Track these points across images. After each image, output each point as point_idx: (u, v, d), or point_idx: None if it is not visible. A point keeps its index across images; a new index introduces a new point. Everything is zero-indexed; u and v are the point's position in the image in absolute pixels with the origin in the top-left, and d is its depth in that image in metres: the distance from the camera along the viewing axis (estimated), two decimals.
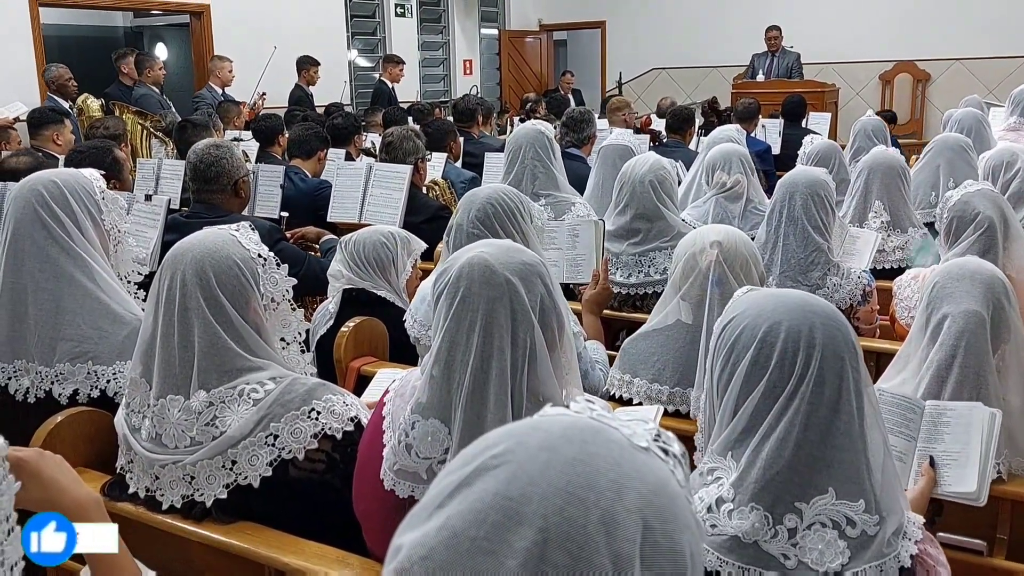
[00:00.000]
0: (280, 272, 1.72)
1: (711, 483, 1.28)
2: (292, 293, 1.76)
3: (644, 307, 3.04)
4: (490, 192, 2.33)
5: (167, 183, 4.42)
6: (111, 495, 1.71)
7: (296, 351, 1.78)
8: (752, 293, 1.37)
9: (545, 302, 1.47)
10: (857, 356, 1.27)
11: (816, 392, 1.23)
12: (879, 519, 1.23)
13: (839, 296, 2.77)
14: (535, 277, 1.47)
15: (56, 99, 6.82)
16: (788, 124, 6.93)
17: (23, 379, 1.96)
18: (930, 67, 10.54)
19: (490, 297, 1.43)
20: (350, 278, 2.63)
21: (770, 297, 1.32)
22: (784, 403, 1.23)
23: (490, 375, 1.41)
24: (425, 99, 10.47)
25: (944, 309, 1.89)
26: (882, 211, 3.41)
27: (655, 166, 3.10)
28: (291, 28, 9.00)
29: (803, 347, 1.24)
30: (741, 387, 1.27)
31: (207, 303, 1.62)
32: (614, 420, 0.73)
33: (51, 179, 2.05)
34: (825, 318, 1.26)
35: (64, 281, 1.97)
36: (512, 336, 1.42)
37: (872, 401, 1.28)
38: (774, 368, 1.24)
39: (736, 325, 1.30)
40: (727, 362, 1.29)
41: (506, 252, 1.49)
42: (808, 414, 1.22)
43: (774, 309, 1.28)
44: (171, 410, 1.62)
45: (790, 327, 1.25)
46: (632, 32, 12.13)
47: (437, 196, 4.49)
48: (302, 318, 1.80)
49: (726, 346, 1.30)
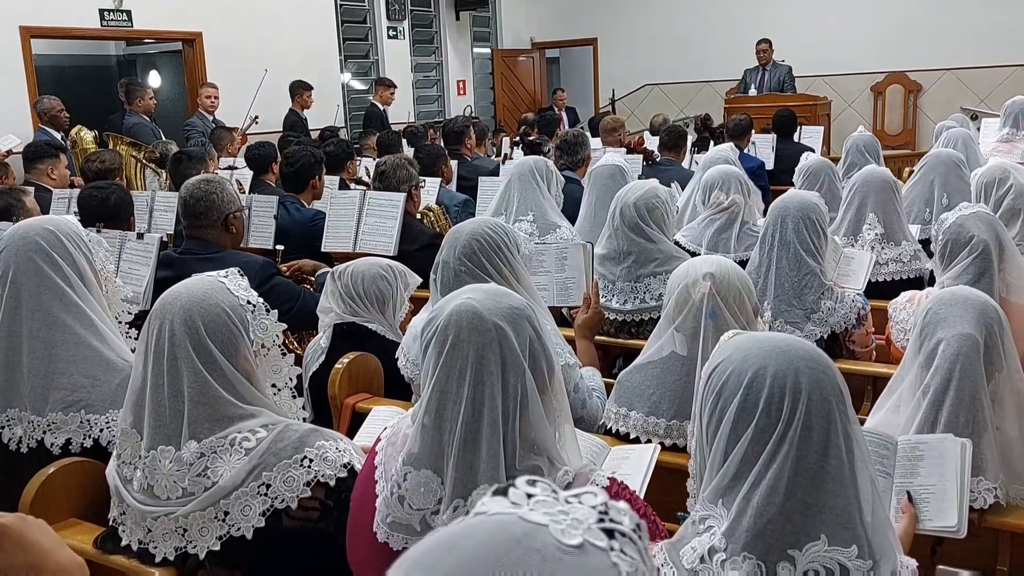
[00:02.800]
0: (270, 318, 1.72)
1: (703, 532, 1.27)
2: (282, 338, 1.75)
3: (640, 333, 3.03)
4: (474, 227, 2.31)
5: (160, 215, 4.42)
6: (104, 548, 1.70)
7: (288, 396, 1.77)
8: (738, 337, 1.37)
9: (534, 345, 1.46)
10: (844, 399, 1.27)
11: (804, 437, 1.23)
12: (872, 564, 1.23)
13: (834, 319, 2.76)
14: (523, 321, 1.46)
15: (48, 131, 6.82)
16: (781, 139, 6.94)
17: (16, 428, 1.96)
18: (921, 78, 10.59)
19: (479, 344, 1.42)
20: (339, 313, 2.59)
21: (756, 341, 1.32)
22: (773, 449, 1.23)
23: (482, 424, 1.40)
24: (420, 120, 10.50)
25: (938, 334, 1.89)
26: (876, 223, 3.41)
27: (648, 193, 3.10)
28: (284, 53, 9.03)
29: (789, 392, 1.24)
30: (730, 433, 1.27)
31: (196, 352, 1.61)
32: (547, 514, 0.70)
33: (45, 227, 2.05)
34: (810, 362, 1.26)
35: (57, 329, 1.97)
36: (503, 383, 1.41)
37: (860, 443, 1.28)
38: (761, 414, 1.24)
39: (723, 370, 1.30)
40: (715, 408, 1.29)
41: (493, 297, 1.48)
42: (797, 459, 1.22)
43: (759, 354, 1.28)
44: (162, 461, 1.61)
45: (776, 372, 1.25)
46: (624, 48, 12.19)
47: (432, 223, 4.49)
48: (293, 363, 1.79)
49: (714, 392, 1.30)
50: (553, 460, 1.45)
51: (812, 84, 10.41)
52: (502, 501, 0.72)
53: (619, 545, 0.70)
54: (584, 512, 0.71)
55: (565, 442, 1.52)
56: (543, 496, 0.72)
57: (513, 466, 1.40)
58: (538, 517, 0.69)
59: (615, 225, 3.12)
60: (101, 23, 8.03)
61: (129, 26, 8.24)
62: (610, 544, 0.70)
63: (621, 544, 0.70)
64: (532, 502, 0.71)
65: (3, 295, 2.00)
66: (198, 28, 8.68)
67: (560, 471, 1.44)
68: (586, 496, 0.73)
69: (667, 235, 3.13)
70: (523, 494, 0.72)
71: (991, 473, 1.80)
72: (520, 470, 1.40)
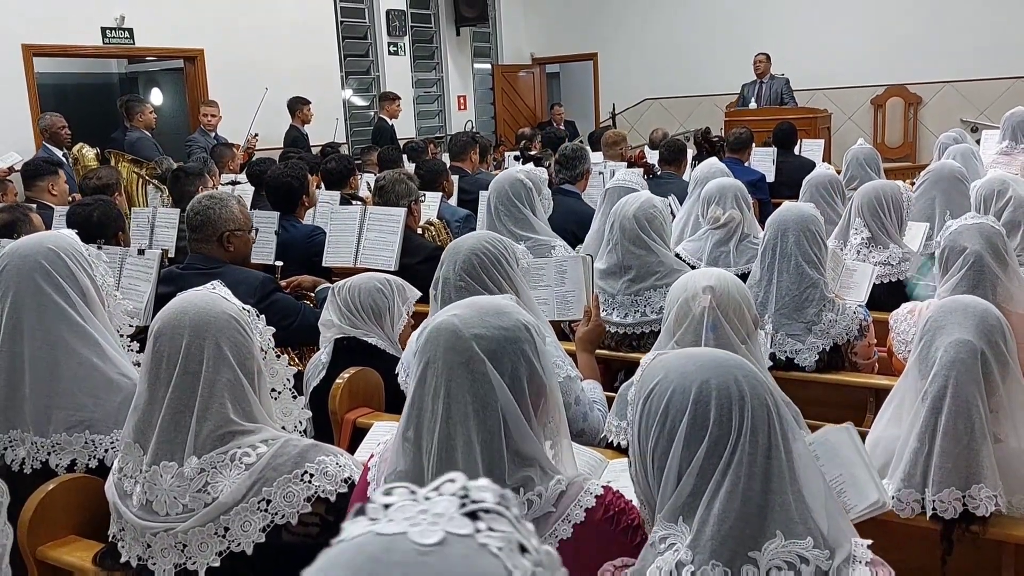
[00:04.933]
0: (261, 321, 1.74)
1: (665, 550, 1.27)
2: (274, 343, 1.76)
3: (641, 347, 3.03)
4: (473, 242, 2.31)
5: (162, 231, 4.43)
6: (103, 564, 1.70)
7: (288, 398, 1.78)
8: (661, 358, 1.37)
9: (519, 369, 1.42)
10: (777, 402, 1.31)
11: (752, 441, 1.26)
12: (829, 552, 1.25)
13: (835, 331, 2.76)
14: (508, 344, 1.43)
15: (50, 148, 6.85)
16: (781, 152, 6.96)
17: (18, 449, 1.95)
18: (921, 90, 10.61)
19: (454, 364, 1.41)
20: (341, 327, 2.60)
21: (685, 358, 1.34)
22: (728, 458, 1.25)
23: (456, 443, 1.39)
24: (421, 135, 10.53)
25: (937, 341, 1.88)
26: (862, 228, 3.42)
27: (645, 204, 3.11)
28: (285, 69, 9.08)
29: (735, 401, 1.26)
30: (682, 451, 1.27)
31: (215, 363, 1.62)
32: (406, 519, 0.70)
33: (47, 246, 2.06)
34: (744, 371, 1.30)
35: (59, 349, 1.97)
36: (480, 402, 1.39)
37: (797, 438, 1.31)
38: (713, 426, 1.26)
39: (663, 391, 1.30)
40: (662, 429, 1.28)
41: (481, 315, 1.45)
42: (749, 464, 1.25)
43: (696, 370, 1.29)
44: (163, 476, 1.61)
45: (719, 384, 1.27)
46: (624, 63, 12.24)
47: (433, 237, 4.50)
48: (287, 363, 1.79)
49: (658, 412, 1.29)
50: (546, 470, 1.44)
51: (812, 97, 10.44)
52: (360, 521, 0.72)
53: (485, 524, 0.70)
54: (444, 504, 0.71)
55: (562, 454, 1.52)
56: (401, 502, 0.72)
57: (503, 480, 1.39)
58: (394, 527, 0.69)
59: (615, 239, 3.13)
60: (103, 41, 8.08)
61: (131, 44, 8.29)
62: (475, 527, 0.70)
63: (488, 522, 0.70)
64: (390, 512, 0.71)
65: (5, 315, 2.00)
66: (199, 45, 8.73)
67: (553, 479, 1.43)
68: (445, 485, 0.73)
69: (667, 245, 3.13)
70: (379, 506, 0.72)
71: (990, 480, 1.79)
72: (511, 483, 1.40)
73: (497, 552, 0.69)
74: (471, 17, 11.89)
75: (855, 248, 3.41)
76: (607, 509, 1.46)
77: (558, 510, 1.43)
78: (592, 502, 1.45)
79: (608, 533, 1.45)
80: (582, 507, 1.44)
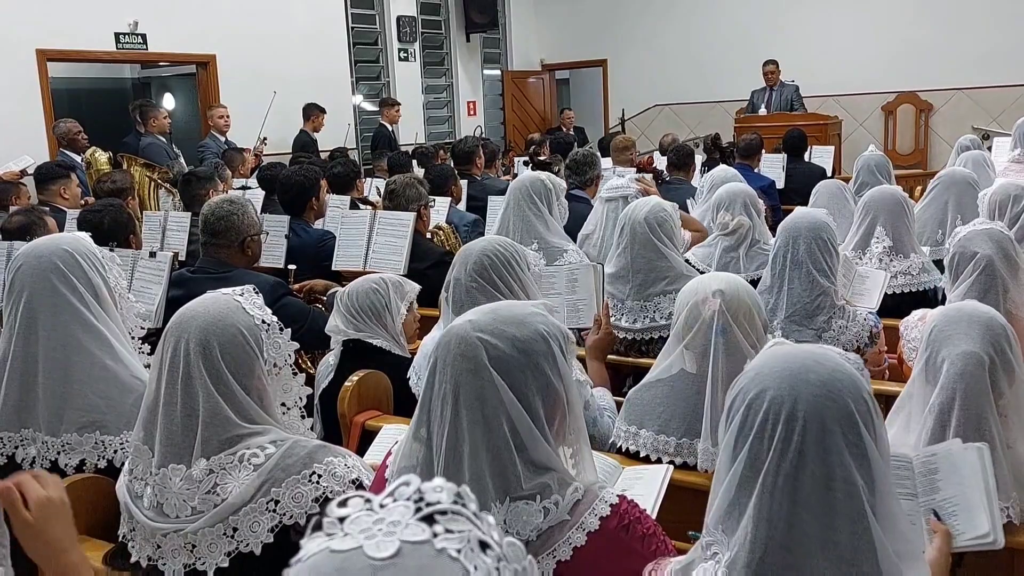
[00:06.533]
0: (283, 336, 1.72)
1: (709, 559, 1.25)
2: (294, 357, 1.75)
3: (650, 352, 3.03)
4: (485, 245, 2.33)
5: (173, 235, 4.45)
6: (113, 564, 1.70)
7: (296, 416, 1.78)
8: (773, 348, 1.31)
9: (530, 381, 1.41)
10: (855, 427, 1.19)
11: (800, 467, 1.17)
12: None
13: (845, 338, 2.75)
14: (520, 355, 1.42)
15: (67, 153, 6.91)
16: (791, 158, 6.96)
17: (30, 448, 1.97)
18: (932, 97, 10.57)
19: (463, 370, 1.41)
20: (346, 331, 2.65)
21: (775, 358, 1.27)
22: (769, 479, 1.18)
23: (463, 450, 1.39)
24: (430, 141, 10.56)
25: (943, 352, 1.87)
26: (884, 236, 3.41)
27: (655, 207, 3.12)
28: (296, 75, 9.12)
29: (784, 419, 1.18)
30: (731, 452, 1.24)
31: (209, 374, 1.61)
32: (362, 531, 0.69)
33: (62, 248, 2.07)
34: (818, 387, 1.19)
35: (73, 350, 1.98)
36: (489, 410, 1.39)
37: (878, 474, 1.20)
38: (754, 438, 1.20)
39: (738, 383, 1.28)
40: (725, 418, 1.28)
41: (497, 324, 1.44)
42: (795, 490, 1.17)
43: (769, 373, 1.23)
44: (173, 479, 1.61)
45: (774, 397, 1.20)
46: (633, 69, 12.24)
47: (442, 241, 4.51)
48: (303, 383, 1.79)
49: (731, 401, 1.28)
50: (563, 478, 1.44)
51: (823, 104, 10.42)
52: (317, 538, 0.71)
53: (442, 527, 0.70)
54: (400, 511, 0.70)
55: (583, 461, 1.51)
56: (356, 513, 0.71)
57: (519, 487, 1.40)
58: (349, 542, 0.69)
59: (624, 243, 3.13)
60: (116, 46, 8.13)
61: (144, 49, 8.34)
62: (432, 532, 0.70)
63: (445, 523, 0.70)
64: (345, 525, 0.70)
65: (19, 315, 2.01)
66: (212, 51, 8.77)
67: (570, 487, 1.43)
68: (400, 490, 0.72)
69: (677, 249, 3.13)
70: (335, 520, 0.71)
71: (1003, 492, 1.77)
72: (527, 490, 1.40)
73: (456, 555, 0.69)
74: (481, 23, 11.91)
75: (877, 256, 3.39)
76: (622, 518, 1.46)
77: (573, 518, 1.42)
78: (607, 511, 1.45)
79: (622, 542, 1.44)
80: (596, 515, 1.44)
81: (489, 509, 1.38)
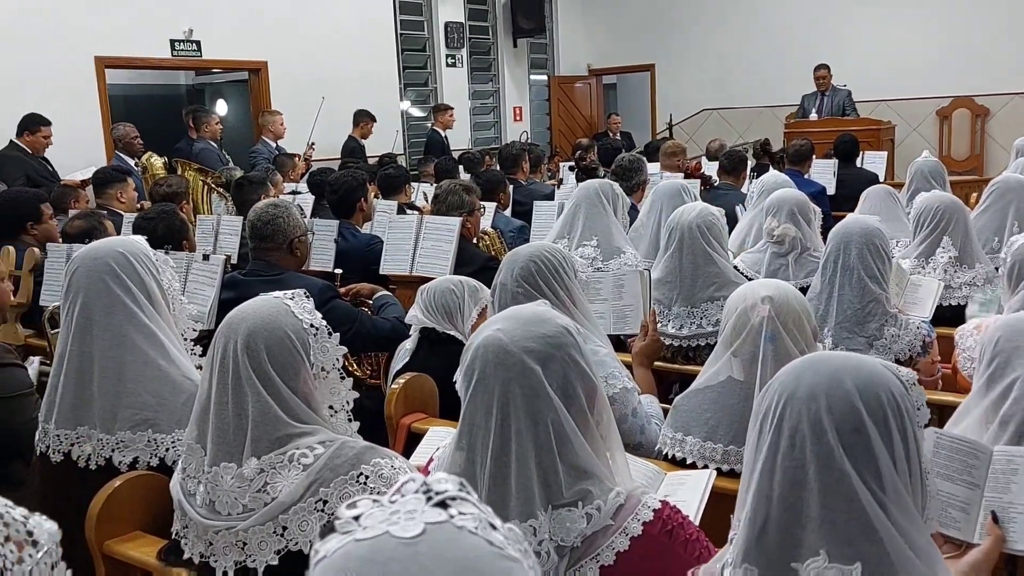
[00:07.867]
0: (332, 341, 1.74)
1: (730, 545, 1.27)
2: (342, 361, 1.77)
3: (697, 359, 3.00)
4: (532, 250, 2.34)
5: (225, 239, 4.53)
6: (167, 560, 1.74)
7: (343, 419, 1.79)
8: (810, 355, 1.31)
9: (570, 374, 1.44)
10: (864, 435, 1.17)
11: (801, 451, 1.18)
12: None
13: (898, 347, 2.70)
14: (556, 350, 1.44)
15: (123, 157, 7.09)
16: (843, 164, 6.85)
17: (85, 445, 2.02)
18: (989, 102, 10.33)
19: (505, 379, 1.41)
20: (423, 321, 2.75)
21: (806, 363, 1.26)
22: (770, 461, 1.20)
23: (510, 460, 1.39)
24: (476, 146, 10.61)
25: (1013, 363, 1.81)
26: (950, 247, 3.35)
27: (703, 212, 3.10)
28: (345, 80, 9.23)
29: (800, 428, 1.18)
30: (753, 446, 1.25)
31: (257, 375, 1.64)
32: (382, 521, 0.72)
33: (117, 250, 2.13)
34: (842, 396, 1.18)
35: (127, 349, 2.03)
36: (533, 417, 1.40)
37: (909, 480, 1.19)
38: (771, 440, 1.22)
39: (777, 376, 1.27)
40: (755, 413, 1.28)
41: (525, 326, 1.46)
42: (793, 469, 1.18)
43: (797, 376, 1.23)
44: (224, 477, 1.64)
45: (791, 397, 1.21)
46: (681, 74, 12.17)
47: (488, 247, 4.53)
48: (351, 387, 1.81)
49: (762, 396, 1.28)
50: (605, 483, 1.44)
51: (875, 108, 10.24)
52: (332, 538, 0.73)
53: (456, 509, 0.74)
54: (412, 501, 0.73)
55: (617, 466, 1.51)
56: (369, 510, 0.74)
57: (560, 495, 1.40)
58: (373, 531, 0.72)
59: (672, 248, 3.11)
60: (172, 53, 8.32)
61: (198, 56, 8.52)
62: (448, 514, 0.73)
63: (458, 507, 0.74)
64: (362, 521, 0.73)
65: (75, 315, 2.07)
66: (264, 58, 8.93)
67: (612, 492, 1.43)
68: (405, 486, 0.76)
69: (725, 254, 3.12)
70: (349, 519, 0.74)
71: None
72: (568, 497, 1.40)
73: (475, 530, 0.73)
74: (528, 29, 11.95)
75: (942, 267, 3.33)
76: (665, 523, 1.46)
77: (616, 522, 1.42)
78: (650, 516, 1.45)
79: (666, 546, 1.44)
80: (640, 520, 1.44)
81: (536, 518, 1.39)
